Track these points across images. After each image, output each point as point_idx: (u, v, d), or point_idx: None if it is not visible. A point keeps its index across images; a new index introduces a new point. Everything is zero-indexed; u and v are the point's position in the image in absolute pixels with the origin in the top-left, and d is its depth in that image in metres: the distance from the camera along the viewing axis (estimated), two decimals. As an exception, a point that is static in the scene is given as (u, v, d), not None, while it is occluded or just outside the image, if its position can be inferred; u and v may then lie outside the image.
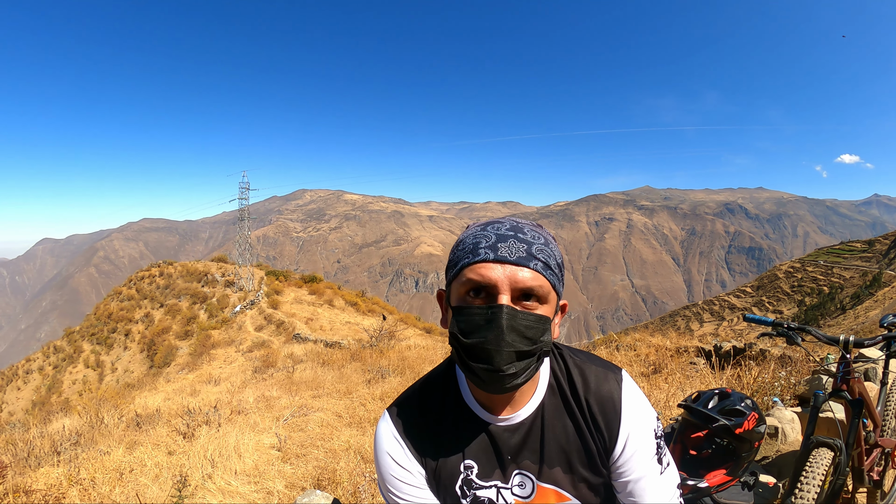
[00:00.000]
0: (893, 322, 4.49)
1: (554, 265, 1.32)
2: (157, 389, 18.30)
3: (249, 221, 57.55)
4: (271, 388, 11.06)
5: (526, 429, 1.47)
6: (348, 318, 39.36)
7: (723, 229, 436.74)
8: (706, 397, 3.32)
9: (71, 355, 50.87)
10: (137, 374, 38.48)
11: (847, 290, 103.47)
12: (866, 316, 74.18)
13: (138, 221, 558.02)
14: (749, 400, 3.27)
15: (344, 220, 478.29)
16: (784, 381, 6.01)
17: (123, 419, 8.99)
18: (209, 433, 7.13)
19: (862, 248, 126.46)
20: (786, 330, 3.28)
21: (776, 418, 4.58)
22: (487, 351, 1.24)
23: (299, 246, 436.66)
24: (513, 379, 1.27)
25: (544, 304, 1.30)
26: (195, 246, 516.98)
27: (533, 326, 1.26)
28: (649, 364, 10.74)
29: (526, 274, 1.26)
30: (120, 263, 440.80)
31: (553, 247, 1.35)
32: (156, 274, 60.15)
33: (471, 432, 1.49)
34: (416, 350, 15.66)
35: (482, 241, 1.32)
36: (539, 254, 1.29)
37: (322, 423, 7.62)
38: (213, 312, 45.77)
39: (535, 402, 1.48)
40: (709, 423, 3.15)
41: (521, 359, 1.26)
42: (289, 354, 21.83)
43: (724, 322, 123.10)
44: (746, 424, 3.14)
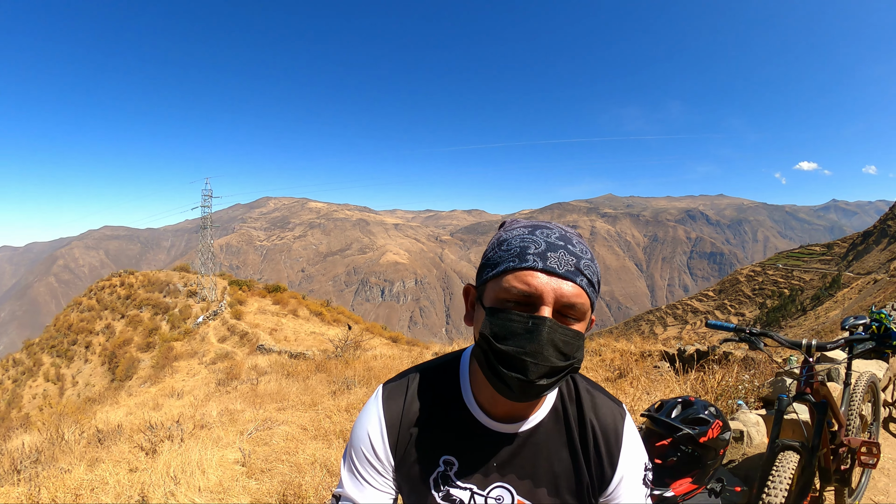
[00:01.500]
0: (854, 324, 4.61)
1: (596, 282, 1.28)
2: (119, 403, 18.00)
3: (212, 230, 57.15)
4: (235, 401, 10.92)
5: (521, 442, 1.43)
6: (313, 329, 39.12)
7: (684, 235, 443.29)
8: (669, 406, 3.32)
9: (31, 368, 49.81)
10: (99, 387, 37.81)
11: (807, 292, 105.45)
12: (827, 316, 75.52)
13: (99, 229, 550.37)
14: (713, 407, 3.28)
15: (308, 228, 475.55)
16: (748, 383, 6.11)
17: (84, 435, 8.83)
18: (172, 449, 6.99)
19: (821, 252, 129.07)
20: (748, 335, 3.33)
21: (741, 422, 4.65)
22: (524, 362, 1.18)
23: (263, 255, 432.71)
24: (542, 390, 1.22)
25: (581, 320, 1.25)
26: (157, 254, 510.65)
27: (570, 342, 1.21)
28: (614, 369, 10.87)
29: (572, 289, 1.21)
30: (80, 272, 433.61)
31: (596, 263, 1.30)
32: (117, 284, 59.20)
33: (461, 430, 1.45)
34: (383, 360, 15.62)
35: (531, 247, 1.25)
36: (586, 269, 1.24)
37: (287, 437, 7.54)
38: (176, 323, 45.22)
39: (537, 418, 1.44)
40: (672, 432, 3.15)
41: (554, 374, 1.21)
42: (253, 366, 21.59)
43: (687, 325, 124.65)
44: (710, 433, 3.15)
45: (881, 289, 71.87)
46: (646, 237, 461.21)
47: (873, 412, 4.76)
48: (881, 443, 4.73)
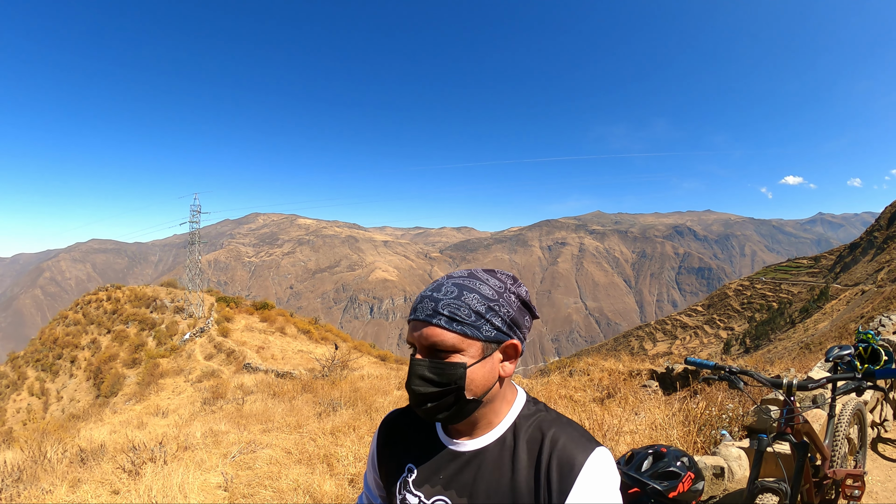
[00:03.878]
0: (839, 355, 4.61)
1: (465, 315, 1.44)
2: (104, 421, 17.89)
3: (200, 245, 56.89)
4: (220, 422, 10.85)
5: (465, 460, 1.55)
6: (301, 347, 38.95)
7: (672, 251, 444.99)
8: (640, 458, 3.18)
9: (15, 382, 49.35)
10: (83, 403, 37.52)
11: (796, 305, 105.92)
12: (816, 328, 75.80)
13: (86, 242, 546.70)
14: (686, 458, 3.15)
15: (297, 244, 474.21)
16: (732, 412, 6.08)
17: (67, 454, 8.74)
18: (155, 471, 6.93)
19: (808, 264, 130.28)
20: (727, 374, 3.34)
21: (722, 456, 4.48)
22: (408, 390, 1.47)
23: (251, 271, 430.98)
24: (434, 413, 1.47)
25: (457, 352, 1.44)
26: (144, 269, 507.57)
27: (442, 372, 1.43)
28: (603, 389, 10.87)
29: (429, 331, 1.44)
30: (66, 285, 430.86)
31: (470, 297, 1.46)
32: (103, 298, 58.76)
33: (424, 442, 1.66)
34: (370, 380, 15.59)
35: (414, 303, 1.53)
36: (444, 309, 1.43)
37: (271, 461, 7.47)
38: (162, 340, 44.91)
39: (482, 442, 1.55)
40: (642, 486, 3.03)
41: (431, 399, 1.45)
42: (239, 385, 21.46)
43: (676, 340, 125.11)
44: (681, 487, 3.02)
45: (869, 299, 72.28)
46: (634, 253, 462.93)
47: (859, 437, 4.71)
48: (868, 464, 4.74)
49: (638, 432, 6.74)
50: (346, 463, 7.18)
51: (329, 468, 7.04)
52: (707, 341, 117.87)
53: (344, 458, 7.36)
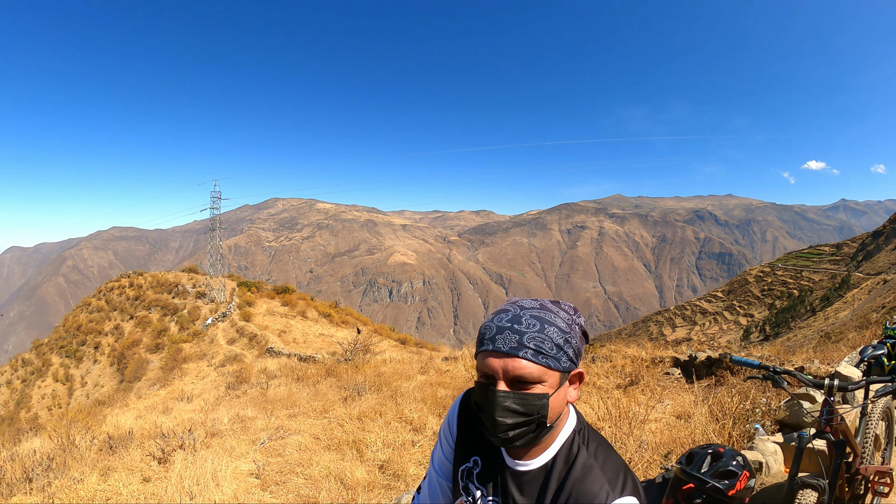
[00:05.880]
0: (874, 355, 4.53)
1: (549, 348, 1.52)
2: (129, 406, 18.03)
3: (221, 231, 57.15)
4: (246, 407, 10.85)
5: (512, 477, 1.70)
6: (322, 330, 39.08)
7: (693, 236, 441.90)
8: (700, 458, 3.25)
9: (40, 369, 49.94)
10: (108, 388, 37.90)
11: (817, 293, 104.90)
12: (836, 317, 75.02)
13: (108, 230, 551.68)
14: (740, 457, 3.22)
15: (317, 229, 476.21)
16: (764, 406, 5.99)
17: (95, 442, 8.73)
18: (185, 458, 6.91)
19: (830, 252, 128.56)
20: (771, 374, 3.37)
21: (759, 451, 4.54)
22: (489, 421, 1.53)
23: (271, 255, 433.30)
24: (511, 441, 1.54)
25: (539, 383, 1.52)
26: (165, 255, 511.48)
27: (525, 403, 1.51)
28: (625, 376, 10.78)
29: (516, 364, 1.50)
30: (89, 273, 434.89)
31: (550, 330, 1.54)
32: (125, 285, 59.26)
33: (489, 443, 1.78)
34: (392, 364, 15.52)
35: (486, 333, 1.58)
36: (530, 342, 1.51)
37: (300, 447, 7.45)
38: (185, 325, 45.22)
39: (533, 464, 1.67)
40: (703, 484, 3.12)
41: (514, 428, 1.52)
42: (262, 369, 21.58)
43: (696, 326, 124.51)
44: (739, 485, 3.11)
45: (891, 289, 71.26)
46: (654, 237, 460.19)
47: (887, 434, 4.71)
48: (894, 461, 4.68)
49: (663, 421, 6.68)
50: (374, 449, 7.15)
51: (359, 454, 7.02)
52: (726, 327, 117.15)
53: (373, 444, 7.33)
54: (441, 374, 13.17)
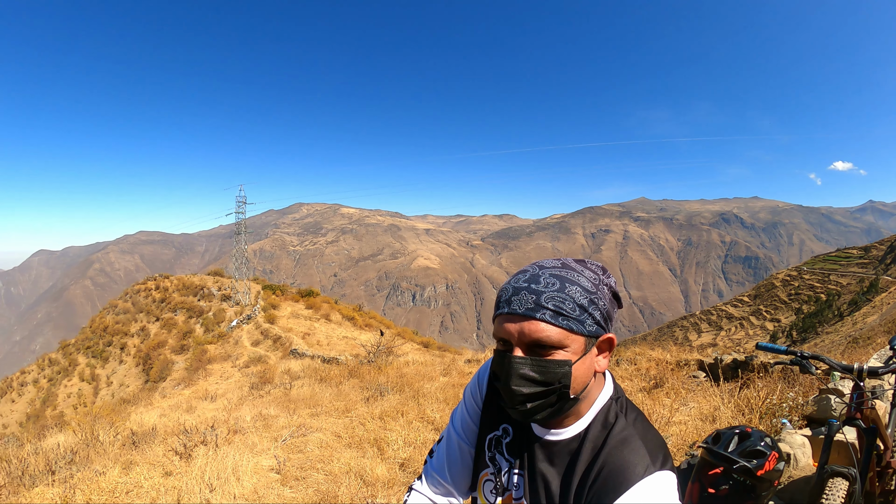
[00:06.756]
0: None
1: (571, 308, 1.36)
2: (153, 405, 18.18)
3: (246, 235, 57.60)
4: (269, 406, 10.92)
5: (542, 447, 1.55)
6: (345, 333, 39.23)
7: (719, 239, 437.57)
8: (727, 438, 3.18)
9: (66, 368, 50.70)
10: (133, 388, 38.32)
11: (844, 297, 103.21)
12: (864, 322, 73.89)
13: (134, 234, 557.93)
14: (769, 438, 3.14)
15: (340, 233, 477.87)
16: (792, 401, 5.89)
17: (119, 437, 8.84)
18: (207, 454, 6.96)
19: (858, 255, 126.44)
20: (799, 359, 3.29)
21: (787, 443, 4.47)
22: (504, 390, 1.40)
23: (296, 259, 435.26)
24: (530, 414, 1.41)
25: (561, 348, 1.37)
26: (191, 259, 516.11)
27: (544, 370, 1.36)
28: (650, 379, 10.66)
29: (533, 326, 1.36)
30: (115, 276, 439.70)
31: (572, 289, 1.39)
32: (152, 287, 60.01)
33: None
34: (415, 366, 15.53)
35: (503, 294, 1.45)
36: (548, 302, 1.36)
37: (321, 444, 7.46)
38: (210, 327, 45.66)
39: (565, 434, 1.52)
40: (730, 464, 3.02)
41: (532, 399, 1.38)
42: (286, 370, 21.67)
43: (722, 332, 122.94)
44: (767, 465, 3.01)
45: (921, 293, 70.19)
46: (679, 241, 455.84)
47: None
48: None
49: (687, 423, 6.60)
50: (395, 447, 7.12)
51: (379, 452, 7.00)
52: (753, 333, 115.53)
53: (394, 442, 7.31)
54: (463, 376, 13.13)
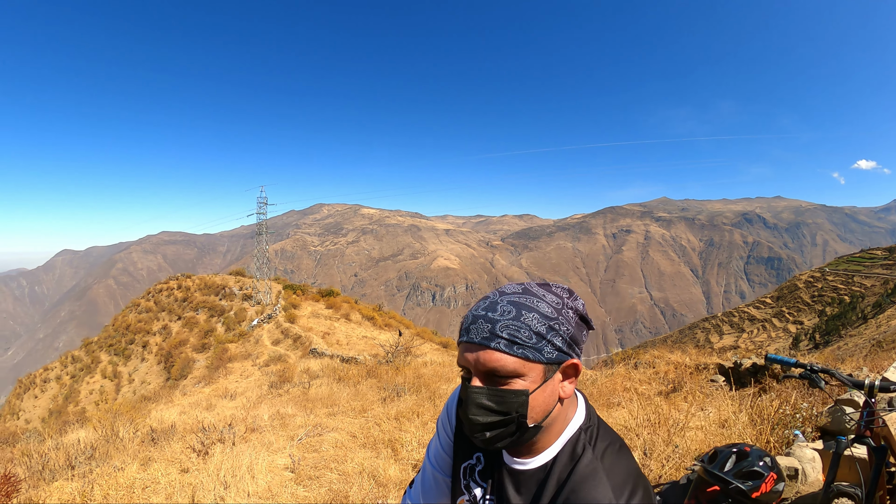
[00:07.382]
0: None
1: (526, 336, 1.34)
2: (174, 402, 18.35)
3: (267, 235, 57.92)
4: (286, 405, 11.00)
5: (509, 475, 1.54)
6: (365, 333, 39.28)
7: (741, 240, 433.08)
8: (723, 457, 3.12)
9: (88, 365, 51.29)
10: (154, 385, 38.68)
11: (868, 299, 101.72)
12: (889, 324, 72.86)
13: (157, 234, 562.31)
14: (768, 458, 3.08)
15: (361, 234, 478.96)
16: (805, 412, 5.81)
17: (139, 433, 8.94)
18: (223, 451, 7.04)
19: (883, 256, 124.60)
20: (808, 372, 3.24)
21: (796, 458, 4.32)
22: (465, 419, 1.40)
23: (317, 260, 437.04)
24: (491, 443, 1.40)
25: (517, 377, 1.35)
26: (213, 259, 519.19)
27: (502, 400, 1.35)
28: (668, 382, 10.61)
29: (487, 356, 1.35)
30: (138, 275, 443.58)
31: (529, 316, 1.36)
32: (174, 286, 60.49)
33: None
34: (432, 367, 15.53)
35: (464, 322, 1.44)
36: (503, 331, 1.34)
37: (336, 444, 7.52)
38: (231, 326, 45.94)
39: (532, 463, 1.50)
40: (725, 485, 2.98)
41: (490, 428, 1.37)
42: (305, 369, 21.77)
43: (744, 334, 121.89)
44: (764, 487, 2.95)
45: (947, 295, 69.16)
46: (701, 242, 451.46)
47: None
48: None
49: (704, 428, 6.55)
50: (409, 448, 7.15)
51: (393, 453, 7.04)
52: (775, 335, 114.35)
53: (408, 443, 7.34)
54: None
